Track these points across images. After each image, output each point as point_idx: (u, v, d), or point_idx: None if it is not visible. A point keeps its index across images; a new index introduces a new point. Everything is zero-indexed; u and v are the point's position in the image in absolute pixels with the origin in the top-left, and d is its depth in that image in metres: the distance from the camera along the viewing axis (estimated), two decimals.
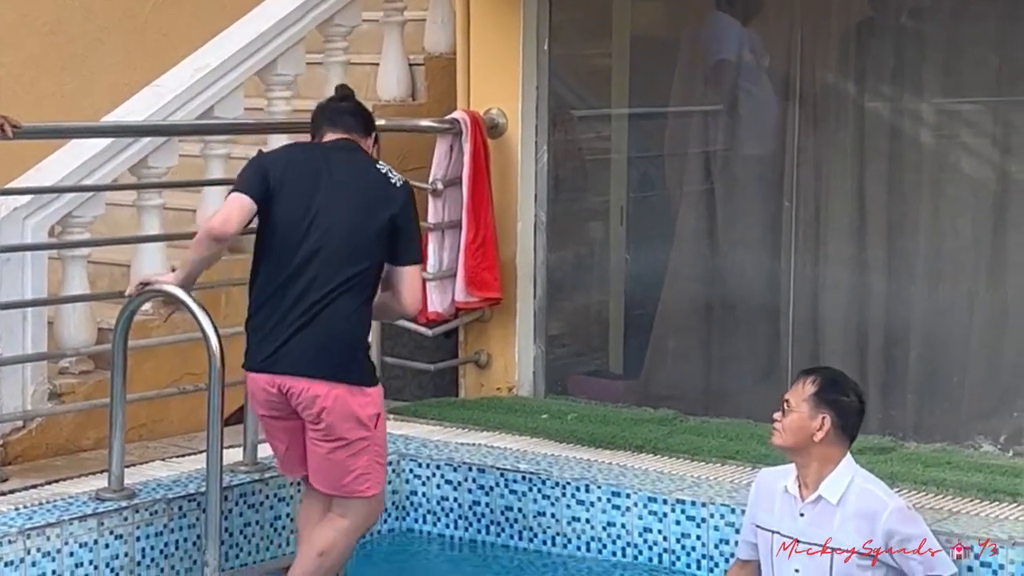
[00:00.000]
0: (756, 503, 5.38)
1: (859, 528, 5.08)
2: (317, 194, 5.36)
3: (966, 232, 7.03)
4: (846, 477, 5.17)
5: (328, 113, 5.62)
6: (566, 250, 7.91)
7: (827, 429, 5.13)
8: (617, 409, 7.37)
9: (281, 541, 6.08)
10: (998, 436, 6.84)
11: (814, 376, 5.23)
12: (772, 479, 5.35)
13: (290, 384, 5.31)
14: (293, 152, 5.62)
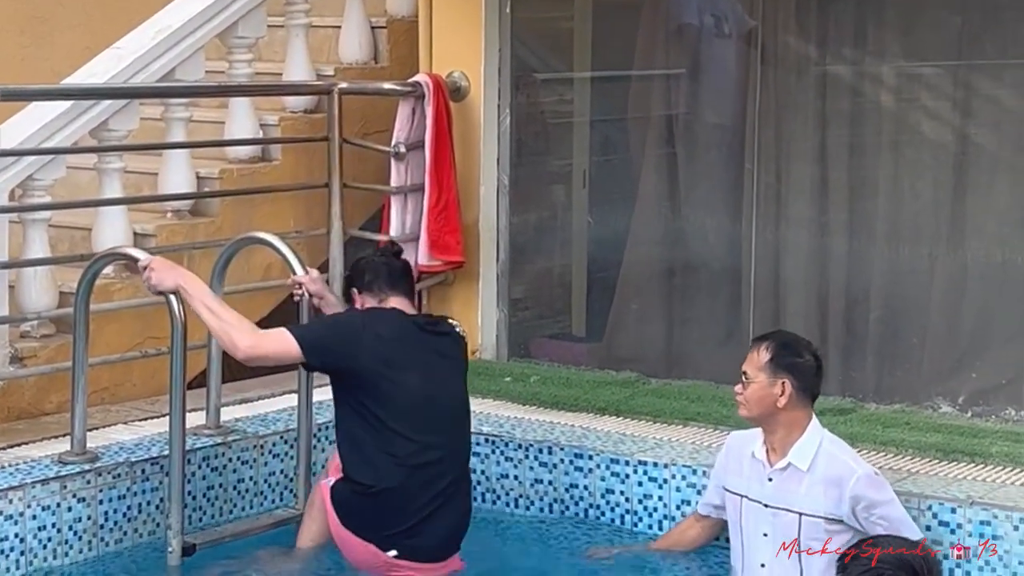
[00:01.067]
0: (725, 467, 5.42)
1: (826, 493, 5.12)
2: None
3: (926, 195, 7.06)
4: (814, 442, 5.20)
5: (387, 273, 5.57)
6: (529, 213, 7.91)
7: (789, 393, 5.16)
8: (580, 372, 7.40)
9: (244, 504, 6.09)
10: (957, 397, 6.90)
11: (767, 343, 5.25)
12: (741, 443, 5.39)
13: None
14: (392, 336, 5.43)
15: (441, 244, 7.51)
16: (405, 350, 5.35)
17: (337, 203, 7.50)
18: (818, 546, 5.13)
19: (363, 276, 5.57)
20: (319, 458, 6.29)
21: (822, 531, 5.12)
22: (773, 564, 5.20)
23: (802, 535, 5.15)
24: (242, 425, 6.28)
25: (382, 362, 5.29)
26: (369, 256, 5.72)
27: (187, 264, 7.08)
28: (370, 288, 5.53)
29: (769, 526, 5.21)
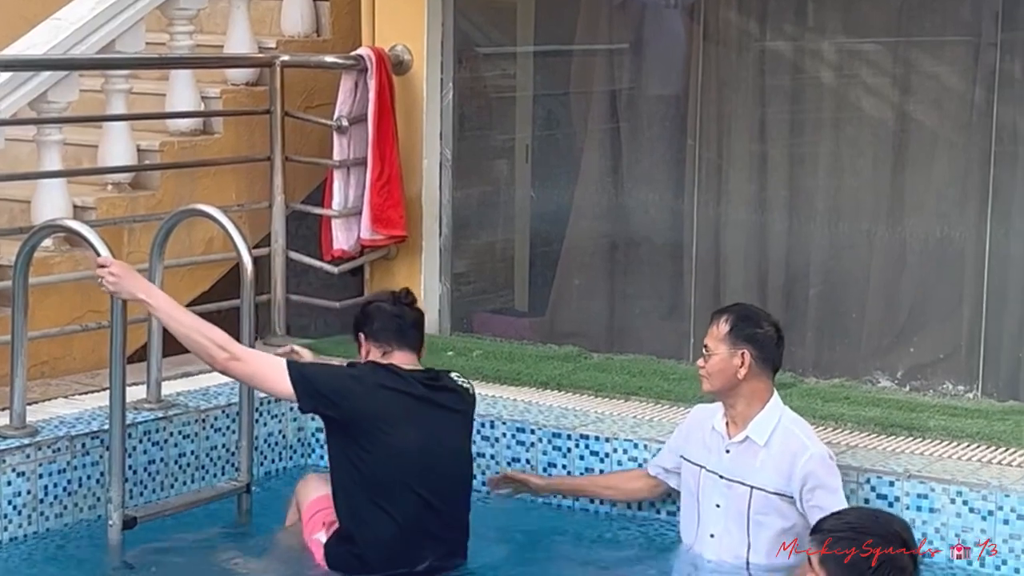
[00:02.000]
0: (687, 437, 5.45)
1: (779, 468, 5.14)
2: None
3: (866, 171, 7.11)
4: (773, 418, 5.22)
5: (396, 326, 5.27)
6: (471, 188, 7.91)
7: (748, 363, 5.17)
8: (522, 346, 7.41)
9: (186, 478, 6.07)
10: (895, 372, 6.96)
11: (726, 315, 5.28)
12: (704, 415, 5.41)
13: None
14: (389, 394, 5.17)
15: (384, 218, 7.50)
16: (404, 404, 5.09)
17: (279, 176, 7.47)
18: (766, 521, 5.17)
19: (372, 322, 5.29)
20: (261, 432, 6.29)
21: (771, 507, 5.15)
22: (722, 536, 5.24)
23: (751, 509, 5.18)
24: (183, 399, 6.25)
25: (377, 414, 5.07)
26: (381, 301, 5.38)
27: (127, 237, 7.05)
28: (376, 337, 5.25)
29: (723, 498, 5.24)
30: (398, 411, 5.08)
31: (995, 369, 6.78)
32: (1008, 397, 6.66)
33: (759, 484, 5.16)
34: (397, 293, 5.41)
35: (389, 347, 5.22)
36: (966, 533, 5.35)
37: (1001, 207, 6.74)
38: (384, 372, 5.18)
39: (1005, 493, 5.32)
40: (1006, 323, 6.78)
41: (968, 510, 5.36)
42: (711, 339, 5.24)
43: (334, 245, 7.60)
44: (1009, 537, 5.30)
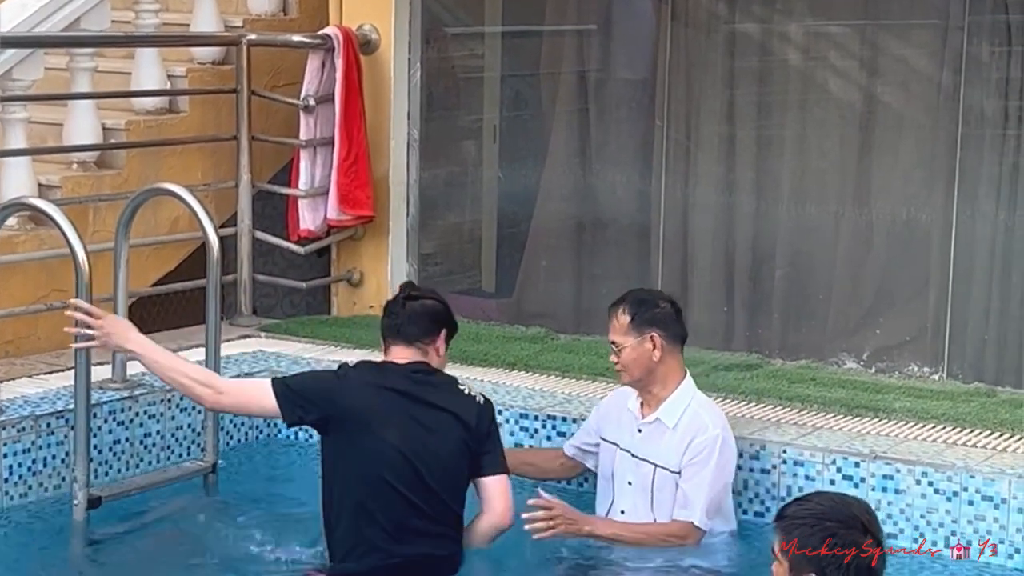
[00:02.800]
0: (605, 417, 5.49)
1: (679, 448, 5.19)
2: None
3: (833, 153, 7.12)
4: (684, 400, 5.25)
5: (390, 323, 5.10)
6: (439, 168, 7.89)
7: (660, 345, 5.19)
8: (490, 327, 7.40)
9: (151, 458, 6.03)
10: (861, 353, 6.98)
11: (622, 306, 5.27)
12: (621, 398, 5.45)
13: None
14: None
15: (351, 198, 7.47)
16: (387, 401, 4.95)
17: (245, 156, 7.43)
18: (666, 498, 5.21)
19: (382, 320, 5.19)
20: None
21: (672, 485, 5.19)
22: (631, 512, 5.28)
23: (654, 486, 5.23)
24: (149, 379, 6.18)
25: (357, 412, 4.92)
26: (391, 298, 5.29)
27: (92, 216, 7.00)
28: (381, 334, 5.17)
29: (633, 475, 5.29)
30: (380, 409, 4.95)
31: (960, 351, 6.81)
32: (973, 379, 6.69)
33: (662, 463, 5.21)
34: (404, 285, 5.33)
35: (386, 343, 5.12)
36: (931, 514, 5.37)
37: (967, 189, 6.76)
38: (368, 368, 5.10)
39: (970, 474, 5.33)
40: (972, 305, 6.81)
41: (933, 491, 5.37)
42: (616, 334, 5.24)
43: (301, 225, 7.57)
44: (974, 518, 5.31)
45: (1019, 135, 6.71)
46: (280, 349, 6.91)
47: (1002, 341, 6.77)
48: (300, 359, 6.72)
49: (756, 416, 6.00)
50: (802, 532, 3.56)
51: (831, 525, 3.55)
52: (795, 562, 3.56)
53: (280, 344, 7.02)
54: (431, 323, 5.10)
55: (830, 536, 3.53)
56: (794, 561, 3.57)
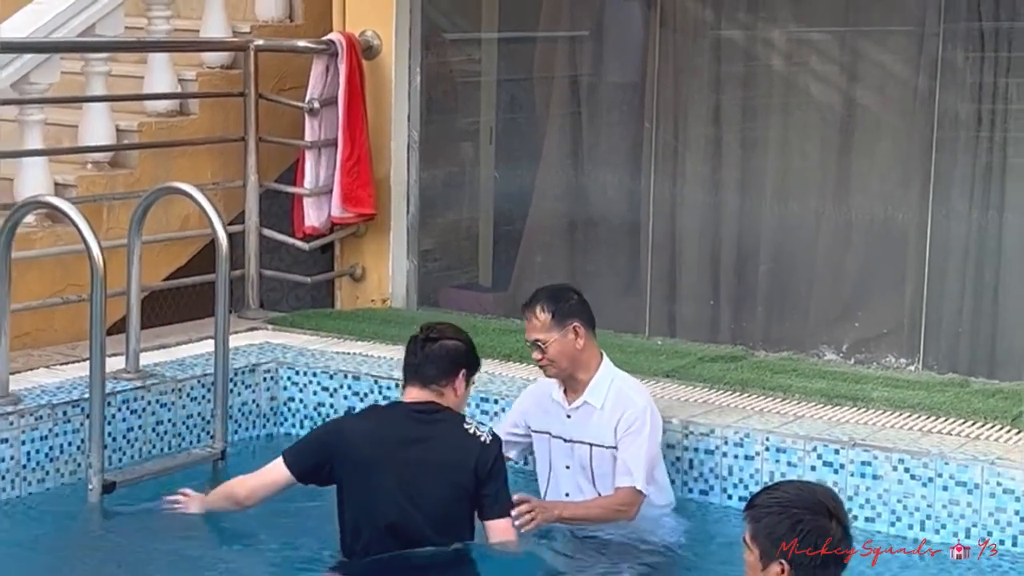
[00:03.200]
0: (528, 412, 5.47)
1: (610, 424, 5.25)
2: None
3: (814, 154, 7.15)
4: (606, 381, 5.32)
5: (408, 363, 4.98)
6: (438, 168, 7.91)
7: (582, 333, 5.23)
8: (486, 320, 7.43)
9: (163, 445, 6.06)
10: (841, 345, 7.01)
11: (539, 304, 5.27)
12: (542, 391, 5.44)
13: None
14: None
15: (353, 197, 7.49)
16: (382, 449, 4.78)
17: (253, 156, 7.46)
18: (607, 472, 5.24)
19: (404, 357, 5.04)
20: (235, 401, 6.29)
21: (609, 461, 5.25)
22: (576, 494, 5.33)
23: (593, 464, 5.29)
24: (161, 369, 6.24)
25: (357, 463, 4.79)
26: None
27: (106, 214, 7.03)
28: (403, 372, 5.04)
29: (569, 459, 5.34)
30: (374, 456, 4.78)
31: (935, 343, 6.84)
32: (947, 370, 6.72)
33: (596, 441, 5.25)
34: (427, 326, 5.10)
35: (404, 381, 5.00)
36: (907, 499, 5.40)
37: (942, 189, 6.78)
38: (371, 414, 5.04)
39: (944, 461, 5.37)
40: (946, 300, 6.84)
41: (909, 477, 5.41)
42: (538, 332, 5.24)
43: (305, 222, 7.60)
44: (948, 503, 5.35)
45: (992, 138, 6.74)
46: (286, 341, 6.94)
47: (975, 334, 6.80)
48: (305, 350, 6.76)
49: (740, 405, 6.03)
50: (770, 520, 3.54)
51: (798, 512, 3.54)
52: (764, 548, 3.55)
53: (286, 336, 7.05)
54: (450, 364, 4.94)
55: (797, 522, 3.52)
56: (763, 548, 3.56)
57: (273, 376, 6.52)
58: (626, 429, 5.23)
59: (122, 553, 5.23)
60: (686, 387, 6.30)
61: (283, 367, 6.56)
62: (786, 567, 3.53)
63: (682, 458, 5.76)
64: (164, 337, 6.81)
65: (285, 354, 6.68)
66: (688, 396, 6.17)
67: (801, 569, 3.53)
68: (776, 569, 3.54)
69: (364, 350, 6.81)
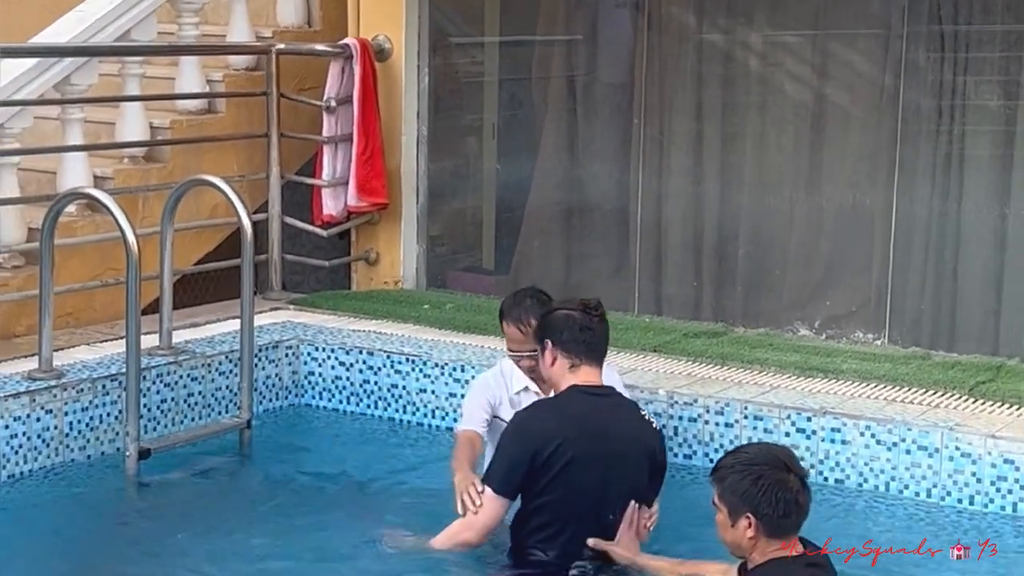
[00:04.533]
0: (486, 405, 4.87)
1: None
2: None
3: (788, 147, 7.10)
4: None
5: (586, 341, 4.37)
6: (445, 161, 7.87)
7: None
8: (489, 300, 7.38)
9: (194, 415, 6.04)
10: (813, 322, 6.98)
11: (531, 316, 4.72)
12: (493, 382, 4.89)
13: None
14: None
15: (368, 187, 7.46)
16: (576, 447, 4.24)
17: (275, 150, 7.42)
18: None
19: (561, 332, 4.40)
20: (259, 375, 6.27)
21: None
22: None
23: None
24: (192, 346, 6.22)
25: (548, 464, 4.23)
26: (571, 309, 4.47)
27: (141, 204, 7.00)
28: (566, 348, 4.39)
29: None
30: (572, 455, 4.24)
31: (900, 319, 6.81)
32: (911, 344, 6.69)
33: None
34: (588, 303, 4.48)
35: (578, 360, 4.37)
36: (873, 462, 5.38)
37: (906, 178, 6.75)
38: (556, 412, 4.32)
39: (907, 427, 5.35)
40: (910, 279, 6.81)
41: (875, 442, 5.39)
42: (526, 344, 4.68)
43: (324, 211, 7.57)
44: (911, 465, 5.33)
45: (951, 131, 6.70)
46: (306, 320, 6.91)
47: (936, 310, 6.77)
48: (324, 328, 6.73)
49: (721, 377, 6.01)
50: (734, 478, 3.58)
51: (757, 468, 3.58)
52: (731, 505, 3.57)
53: (306, 316, 7.02)
54: (607, 345, 4.54)
55: (758, 477, 3.55)
56: (730, 504, 3.57)
57: (295, 352, 6.50)
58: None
59: (157, 515, 5.22)
60: (671, 360, 6.28)
61: (304, 343, 6.54)
62: (752, 519, 3.54)
63: (667, 425, 5.74)
64: (195, 317, 6.79)
65: (306, 332, 6.66)
66: (673, 369, 6.15)
67: (765, 520, 3.54)
68: (744, 523, 3.55)
69: (378, 328, 6.78)
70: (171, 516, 5.16)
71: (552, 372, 4.40)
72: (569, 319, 4.43)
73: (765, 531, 3.56)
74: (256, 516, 5.19)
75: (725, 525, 3.62)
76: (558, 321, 4.45)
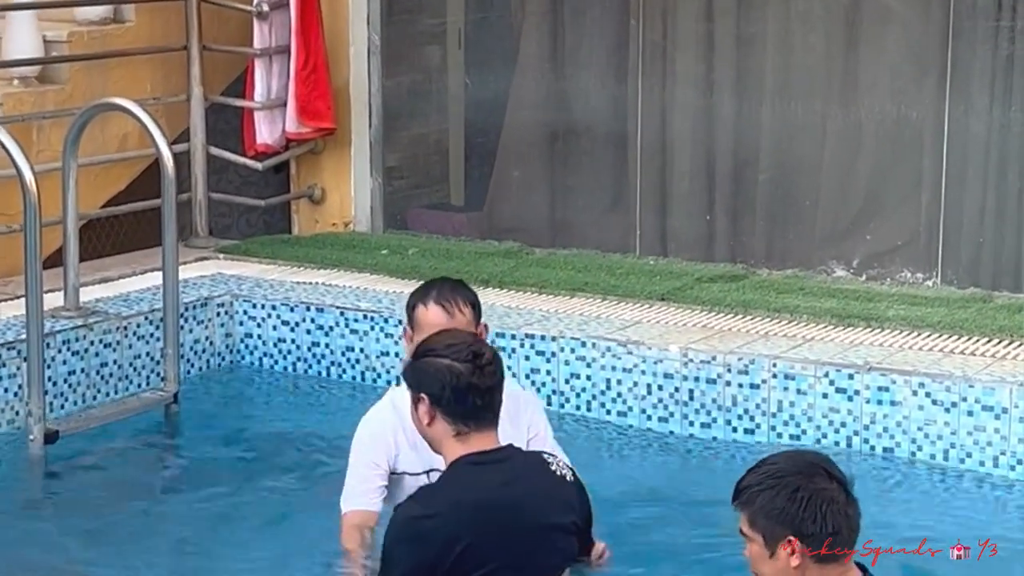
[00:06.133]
0: (391, 452, 4.46)
1: (517, 431, 4.46)
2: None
3: (818, 48, 7.10)
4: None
5: (473, 402, 3.93)
6: (402, 76, 7.85)
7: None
8: (460, 243, 7.41)
9: (109, 389, 6.04)
10: (851, 260, 7.01)
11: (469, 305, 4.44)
12: (388, 424, 4.47)
13: None
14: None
15: (310, 110, 7.44)
16: (486, 541, 3.88)
17: (196, 67, 7.39)
18: None
19: (440, 389, 3.91)
20: (186, 338, 6.26)
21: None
22: None
23: None
24: (103, 306, 6.22)
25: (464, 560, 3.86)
26: (453, 359, 3.92)
27: (36, 135, 6.95)
28: (448, 412, 3.92)
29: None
30: (482, 554, 3.90)
31: (955, 255, 6.84)
32: (969, 284, 6.73)
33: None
34: (478, 351, 3.97)
35: (465, 428, 3.93)
36: (928, 426, 5.42)
37: (960, 83, 6.76)
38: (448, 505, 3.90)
39: (969, 384, 5.39)
40: (966, 206, 6.83)
41: (931, 402, 5.43)
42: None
43: (257, 139, 7.55)
44: (973, 429, 5.37)
45: (1013, 26, 6.70)
46: (240, 271, 6.92)
47: (998, 243, 6.80)
48: (262, 281, 6.73)
49: (743, 329, 6.03)
50: (765, 496, 3.36)
51: (792, 479, 3.40)
52: (768, 531, 3.37)
53: (239, 266, 7.03)
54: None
55: (795, 489, 3.39)
56: (766, 531, 3.37)
57: (227, 310, 6.50)
58: (534, 428, 4.56)
59: (67, 509, 5.20)
60: (683, 311, 6.31)
61: (238, 300, 6.54)
62: (795, 544, 3.39)
63: (681, 389, 5.77)
64: (104, 270, 6.78)
65: (240, 286, 6.66)
66: (686, 320, 6.18)
67: (812, 541, 3.37)
68: (786, 550, 3.38)
69: (327, 279, 6.79)
70: (83, 509, 5.15)
71: (429, 433, 3.99)
72: (452, 373, 3.92)
73: (814, 556, 3.44)
74: (185, 506, 5.21)
75: (761, 557, 3.44)
76: (438, 374, 3.93)
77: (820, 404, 5.56)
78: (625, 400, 5.87)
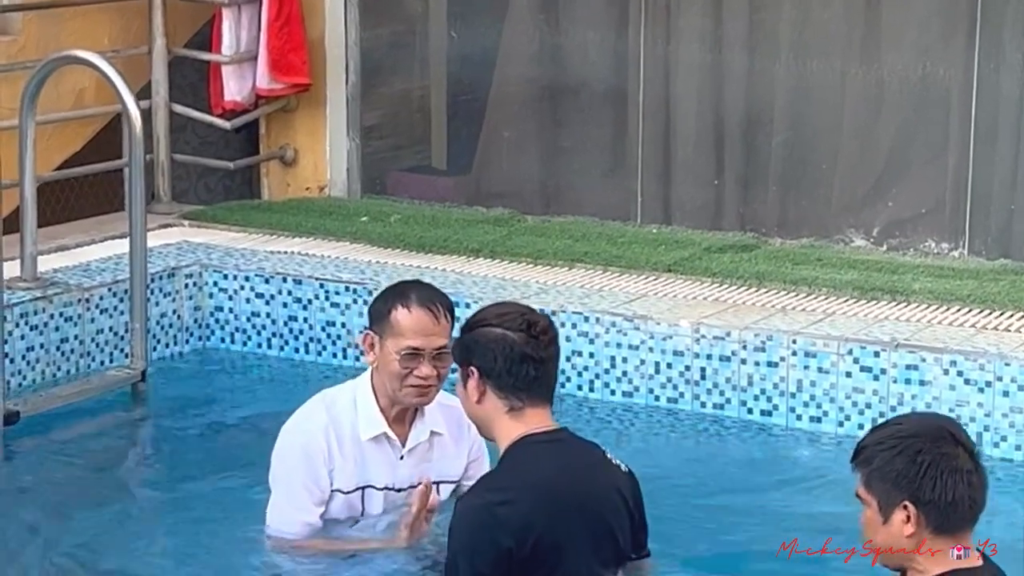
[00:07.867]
0: (319, 474, 4.40)
1: (459, 450, 4.56)
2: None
3: (837, 0, 7.14)
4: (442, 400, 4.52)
5: (529, 373, 3.94)
6: (381, 28, 7.87)
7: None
8: (446, 209, 7.45)
9: (71, 366, 6.07)
10: (871, 229, 7.06)
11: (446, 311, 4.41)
12: (324, 432, 4.42)
13: None
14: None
15: (284, 64, 7.46)
16: (560, 525, 3.94)
17: (159, 16, 7.41)
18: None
19: (492, 359, 3.93)
20: (153, 312, 6.29)
21: (452, 498, 4.44)
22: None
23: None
24: (62, 276, 6.25)
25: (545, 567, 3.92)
26: (506, 328, 3.96)
27: None
28: (499, 385, 3.95)
29: (397, 511, 4.45)
30: (557, 540, 3.94)
31: (983, 224, 6.90)
32: (998, 255, 6.79)
33: (443, 477, 4.52)
34: (534, 321, 4.00)
35: (519, 402, 3.95)
36: (961, 408, 5.48)
37: (990, 39, 6.81)
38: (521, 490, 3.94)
39: (1005, 361, 5.45)
40: (996, 171, 6.88)
41: (963, 382, 5.49)
42: (445, 337, 4.36)
43: (225, 96, 7.56)
44: (1010, 411, 5.44)
45: None
46: (208, 239, 6.95)
47: None
48: (233, 250, 6.76)
49: (759, 303, 6.09)
50: (884, 456, 3.43)
51: (915, 441, 3.44)
52: (883, 495, 3.44)
53: (207, 233, 7.06)
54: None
55: (917, 453, 3.42)
56: (882, 495, 3.44)
57: (196, 282, 6.53)
58: (478, 448, 4.54)
59: (28, 496, 5.22)
60: (692, 283, 6.37)
61: (208, 270, 6.58)
62: (912, 509, 3.44)
63: (692, 367, 5.83)
64: (61, 238, 6.81)
65: (209, 255, 6.69)
66: (696, 293, 6.24)
67: (929, 508, 3.42)
68: (901, 516, 3.42)
69: (303, 248, 6.83)
70: (44, 496, 5.18)
71: (479, 411, 4.02)
72: (505, 343, 3.94)
73: (930, 524, 3.49)
74: (154, 490, 5.25)
75: (875, 523, 3.49)
76: (490, 343, 3.95)
77: (843, 384, 5.63)
78: (631, 379, 5.92)
